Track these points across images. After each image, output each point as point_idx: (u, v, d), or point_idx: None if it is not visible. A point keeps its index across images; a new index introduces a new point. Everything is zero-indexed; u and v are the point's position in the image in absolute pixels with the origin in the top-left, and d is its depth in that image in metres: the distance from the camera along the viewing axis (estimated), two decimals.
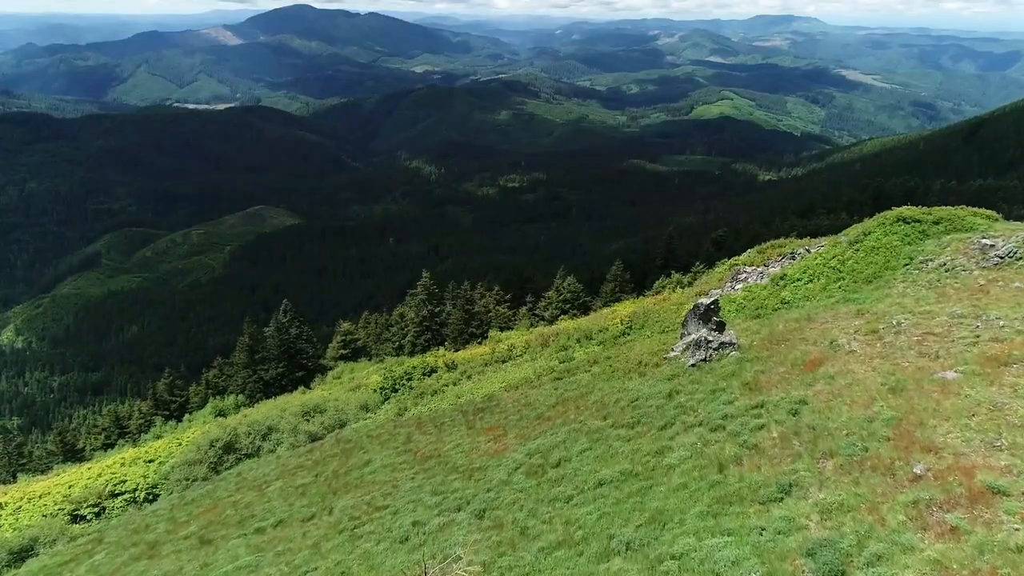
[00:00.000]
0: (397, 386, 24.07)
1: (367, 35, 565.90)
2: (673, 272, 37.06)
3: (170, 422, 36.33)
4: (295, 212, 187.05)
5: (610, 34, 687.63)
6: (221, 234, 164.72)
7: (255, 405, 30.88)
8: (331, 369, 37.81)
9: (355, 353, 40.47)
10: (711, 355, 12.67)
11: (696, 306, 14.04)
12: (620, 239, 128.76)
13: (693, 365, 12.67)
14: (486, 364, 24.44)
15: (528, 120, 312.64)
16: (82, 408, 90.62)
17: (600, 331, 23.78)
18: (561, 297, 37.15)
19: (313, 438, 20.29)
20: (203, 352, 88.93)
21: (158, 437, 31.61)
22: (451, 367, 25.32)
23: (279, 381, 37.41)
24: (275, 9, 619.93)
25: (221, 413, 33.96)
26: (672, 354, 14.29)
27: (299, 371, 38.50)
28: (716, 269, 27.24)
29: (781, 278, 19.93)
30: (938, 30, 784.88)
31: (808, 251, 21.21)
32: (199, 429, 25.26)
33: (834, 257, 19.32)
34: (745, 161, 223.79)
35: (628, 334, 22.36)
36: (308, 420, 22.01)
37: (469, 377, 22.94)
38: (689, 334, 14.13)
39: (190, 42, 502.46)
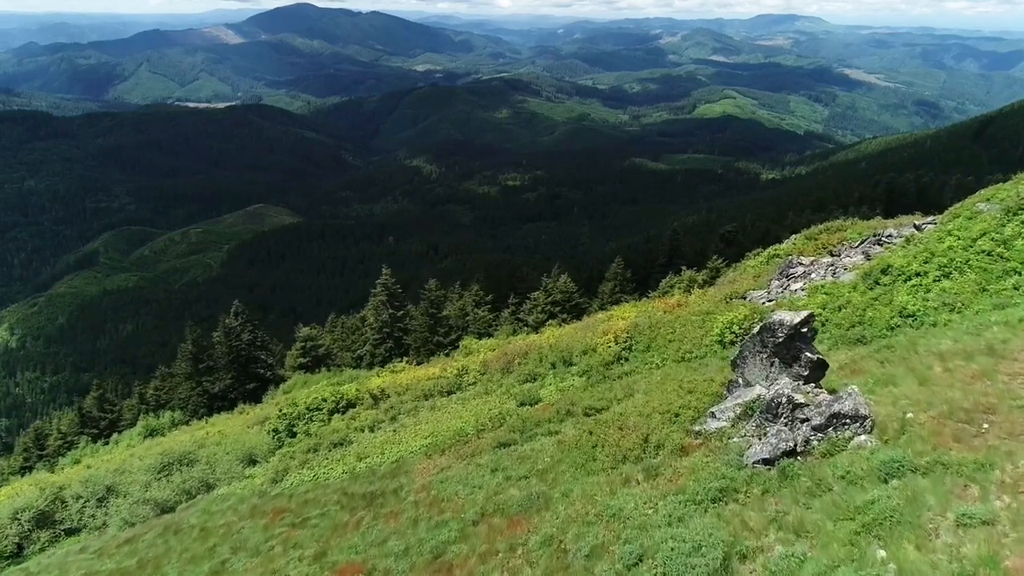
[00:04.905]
0: (295, 428, 18.22)
1: (369, 34, 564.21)
2: (683, 268, 30.72)
3: (98, 442, 31.50)
4: (295, 211, 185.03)
5: (612, 33, 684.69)
6: (220, 233, 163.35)
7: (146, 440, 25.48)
8: (285, 380, 32.74)
9: (316, 362, 35.44)
10: (809, 441, 5.94)
11: (767, 329, 7.11)
12: (622, 238, 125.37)
13: (766, 463, 5.98)
14: (425, 396, 18.35)
15: (529, 119, 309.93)
16: (71, 410, 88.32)
17: (585, 351, 16.84)
18: (550, 299, 31.70)
19: (162, 509, 14.86)
20: None
21: (76, 462, 26.50)
22: (378, 398, 19.29)
23: (227, 394, 32.84)
24: (277, 8, 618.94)
25: (153, 433, 29.15)
26: (711, 425, 7.34)
27: (251, 382, 33.53)
28: (748, 262, 20.94)
29: (883, 272, 12.45)
30: (941, 29, 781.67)
31: (917, 229, 13.90)
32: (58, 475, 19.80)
33: (983, 235, 11.58)
34: (748, 160, 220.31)
35: (625, 360, 15.40)
36: (165, 477, 16.44)
37: (394, 418, 16.88)
38: (749, 384, 7.36)
39: (191, 41, 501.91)
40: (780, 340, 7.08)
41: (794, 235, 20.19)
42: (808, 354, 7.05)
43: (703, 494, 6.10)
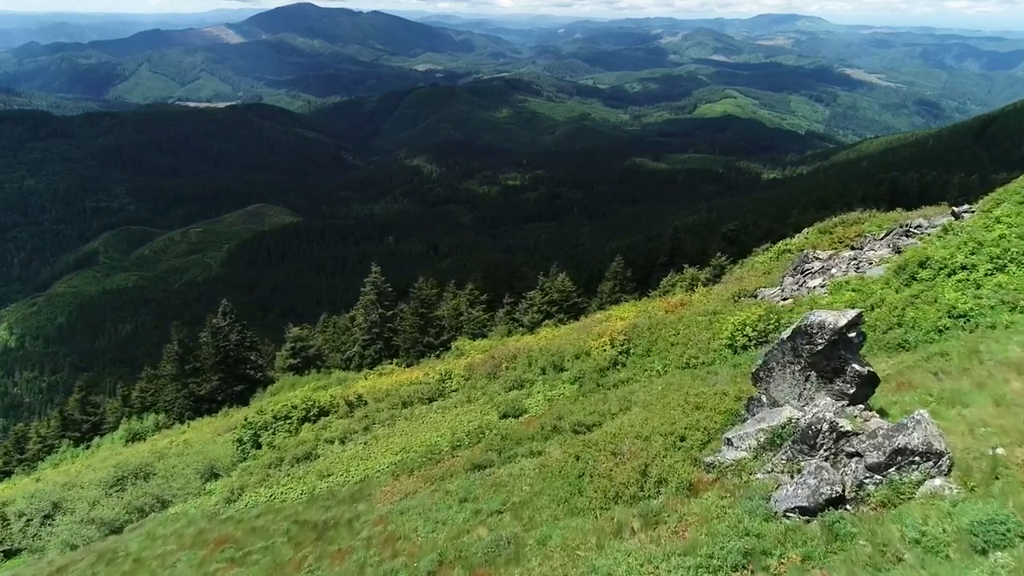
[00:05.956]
0: (260, 439, 16.76)
1: (369, 34, 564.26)
2: (685, 266, 29.26)
3: (79, 446, 30.33)
4: (295, 211, 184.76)
5: (613, 33, 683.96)
6: (220, 232, 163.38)
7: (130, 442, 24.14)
8: (273, 382, 31.56)
9: (307, 363, 34.24)
10: (863, 484, 4.49)
11: (802, 333, 5.53)
12: (622, 238, 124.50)
13: (804, 513, 4.53)
14: (404, 403, 16.92)
15: (530, 118, 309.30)
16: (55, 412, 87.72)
17: (578, 355, 15.26)
18: (546, 298, 30.23)
19: (110, 529, 13.42)
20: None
21: (56, 465, 25.28)
22: (354, 405, 17.75)
23: (214, 396, 31.79)
24: (277, 8, 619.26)
25: (136, 437, 27.85)
26: (727, 455, 5.78)
27: (239, 384, 32.46)
28: (756, 258, 19.39)
29: (920, 265, 10.80)
30: (942, 29, 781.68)
31: (955, 217, 12.20)
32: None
33: None
34: (749, 159, 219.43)
35: (622, 365, 13.80)
36: (117, 493, 14.97)
37: (367, 429, 15.39)
38: (775, 403, 5.86)
39: (192, 41, 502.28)
40: (819, 348, 5.41)
41: (806, 229, 18.56)
42: (855, 366, 5.37)
43: (720, 557, 4.49)
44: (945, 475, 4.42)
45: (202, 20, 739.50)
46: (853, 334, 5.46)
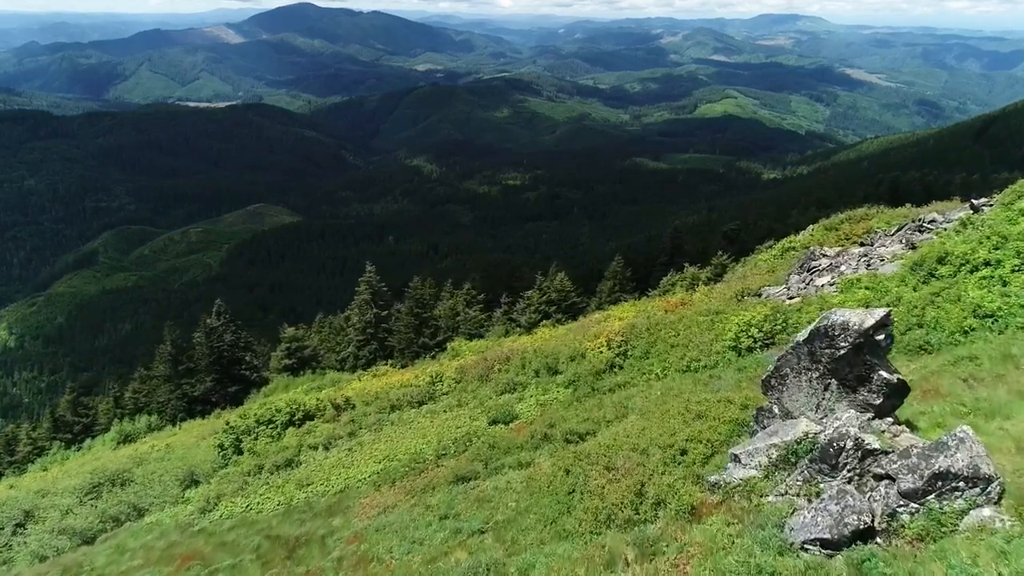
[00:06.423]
0: (242, 444, 16.05)
1: (370, 33, 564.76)
2: (686, 265, 28.29)
3: (70, 448, 29.82)
4: (295, 211, 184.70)
5: (613, 33, 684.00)
6: (220, 232, 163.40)
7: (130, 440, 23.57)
8: (268, 383, 31.05)
9: (302, 363, 33.70)
10: (896, 514, 3.63)
11: (821, 335, 4.76)
12: (622, 238, 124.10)
13: (825, 546, 3.67)
14: (393, 407, 16.26)
15: (530, 118, 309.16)
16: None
17: (574, 358, 14.51)
18: (544, 298, 29.60)
19: (83, 539, 12.80)
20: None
21: (45, 469, 24.77)
22: (341, 409, 17.14)
23: (208, 397, 31.32)
24: (277, 8, 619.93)
25: (128, 439, 27.36)
26: (734, 473, 5.11)
27: (234, 385, 31.92)
28: (759, 256, 18.68)
29: (939, 261, 10.08)
30: (942, 29, 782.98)
31: (974, 210, 11.56)
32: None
33: None
34: (749, 159, 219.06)
35: (619, 368, 13.13)
36: (92, 500, 14.35)
37: (352, 434, 14.77)
38: (789, 415, 5.17)
39: (192, 40, 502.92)
40: (841, 352, 4.68)
41: (811, 226, 17.90)
42: (883, 373, 4.65)
43: None
44: (995, 504, 3.68)
45: (202, 20, 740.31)
46: (881, 336, 4.68)
